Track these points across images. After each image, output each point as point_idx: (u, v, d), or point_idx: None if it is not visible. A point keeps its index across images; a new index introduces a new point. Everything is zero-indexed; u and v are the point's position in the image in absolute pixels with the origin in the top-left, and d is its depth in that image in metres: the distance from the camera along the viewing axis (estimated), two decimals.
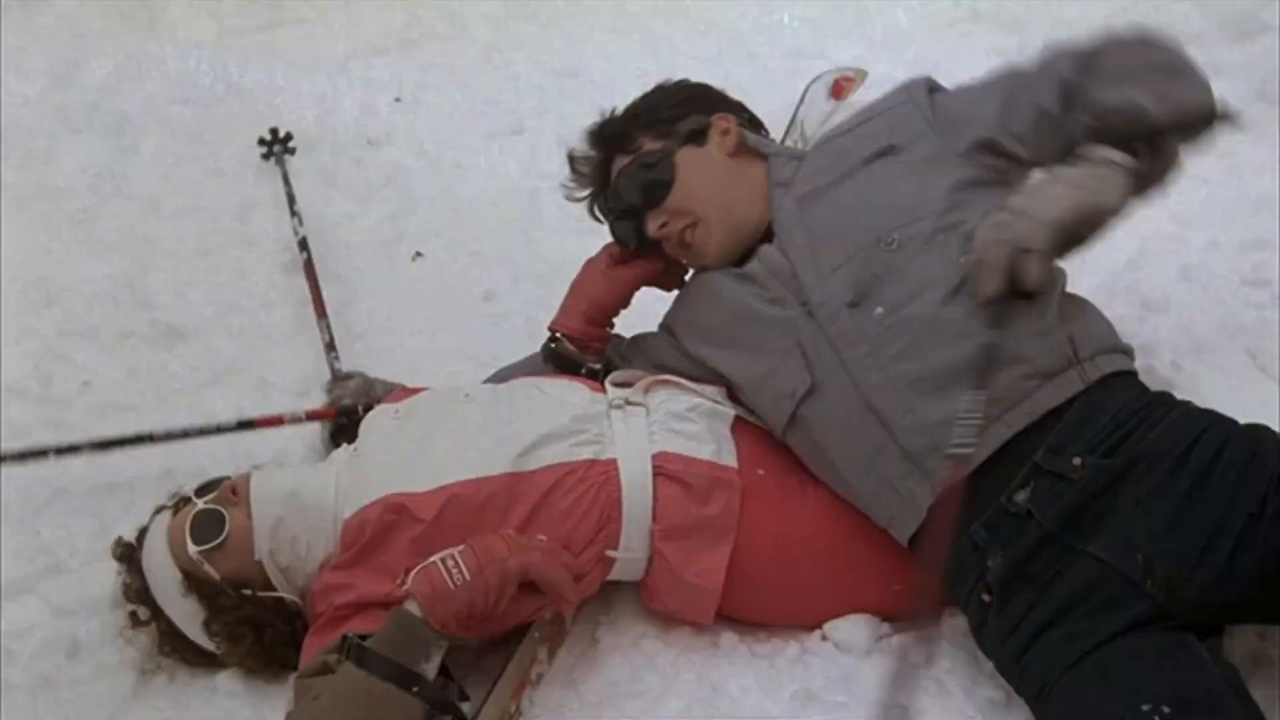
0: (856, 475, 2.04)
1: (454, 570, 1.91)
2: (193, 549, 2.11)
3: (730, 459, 2.15)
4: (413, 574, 1.93)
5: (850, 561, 2.10)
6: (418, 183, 3.95)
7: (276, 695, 2.13)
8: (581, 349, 2.43)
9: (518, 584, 1.94)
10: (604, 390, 2.28)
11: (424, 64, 4.70)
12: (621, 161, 2.33)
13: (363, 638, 1.89)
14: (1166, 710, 1.62)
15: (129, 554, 2.22)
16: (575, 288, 2.47)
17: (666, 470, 2.11)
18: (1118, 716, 1.66)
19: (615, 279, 2.43)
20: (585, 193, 2.43)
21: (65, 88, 4.60)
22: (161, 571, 2.15)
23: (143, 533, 2.23)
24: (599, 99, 4.27)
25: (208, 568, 2.11)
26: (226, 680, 2.17)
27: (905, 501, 1.97)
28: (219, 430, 2.72)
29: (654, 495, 2.09)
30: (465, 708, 1.93)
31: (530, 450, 2.10)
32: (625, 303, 2.48)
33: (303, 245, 3.41)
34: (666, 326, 2.44)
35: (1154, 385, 2.36)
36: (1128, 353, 2.05)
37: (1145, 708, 1.63)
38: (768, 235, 2.23)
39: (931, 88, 2.26)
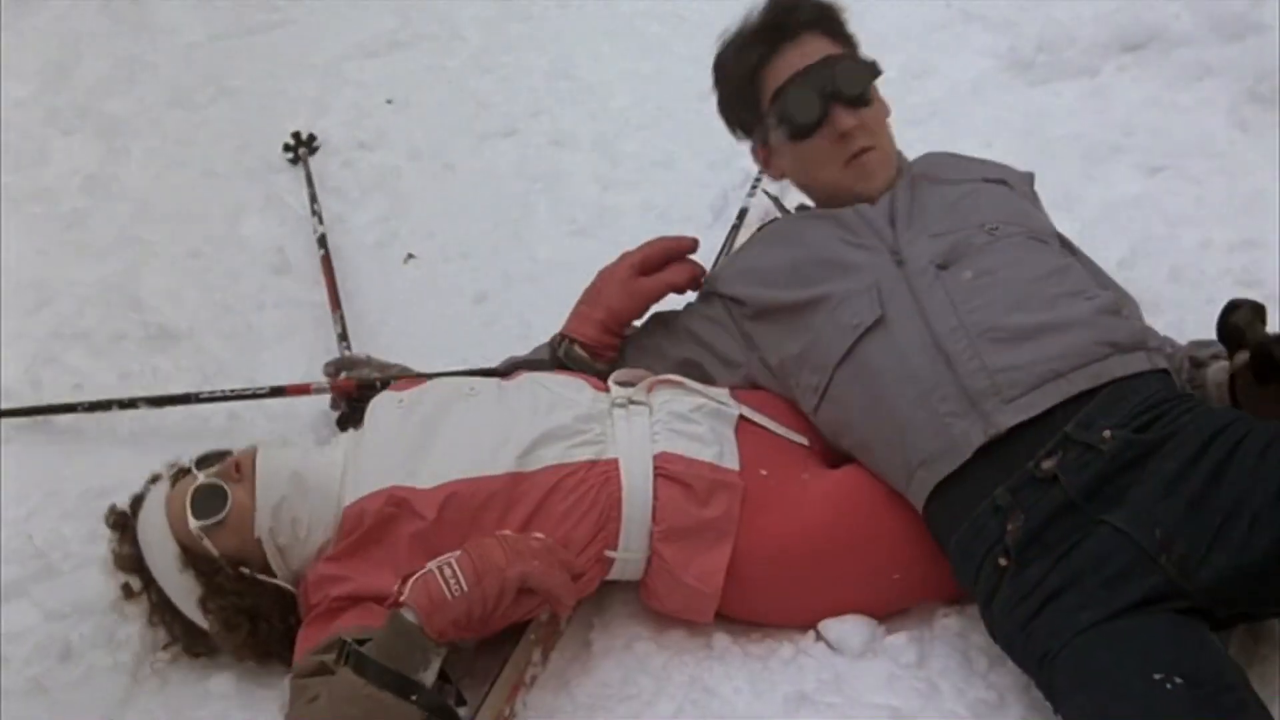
0: (907, 407, 2.03)
1: (452, 581, 1.88)
2: (194, 523, 2.09)
3: (732, 461, 2.15)
4: (410, 583, 1.89)
5: (849, 561, 2.09)
6: (409, 185, 3.95)
7: (270, 700, 2.12)
8: (594, 357, 2.42)
9: (515, 591, 1.93)
10: (607, 389, 2.27)
11: (415, 66, 4.69)
12: (824, 45, 2.37)
13: (360, 641, 1.88)
14: (1179, 680, 1.62)
15: (123, 522, 2.21)
16: (592, 296, 2.44)
17: (668, 471, 2.11)
18: (1127, 682, 1.66)
19: (636, 291, 2.42)
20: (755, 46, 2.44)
21: (57, 90, 4.59)
22: (158, 543, 2.13)
23: (138, 501, 2.22)
24: (591, 101, 4.30)
25: (206, 543, 2.10)
26: (219, 684, 2.17)
27: (953, 439, 1.97)
28: (253, 395, 2.80)
29: (654, 496, 2.09)
30: (462, 712, 1.93)
31: (531, 450, 2.10)
32: (643, 313, 2.48)
33: (321, 242, 3.47)
34: (709, 284, 2.45)
35: None
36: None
37: (1157, 676, 1.63)
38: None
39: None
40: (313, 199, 3.70)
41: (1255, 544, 1.72)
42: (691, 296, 2.49)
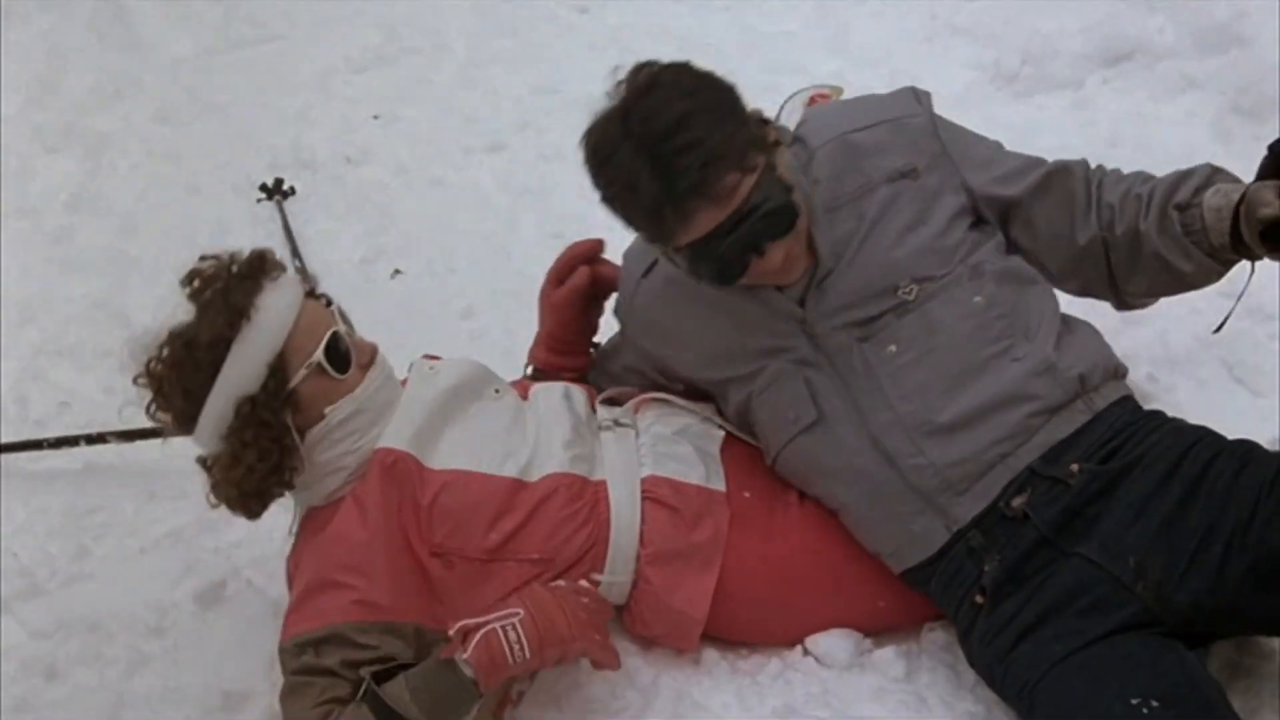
0: (861, 504, 2.03)
1: (515, 645, 1.87)
2: (318, 355, 2.04)
3: (719, 482, 2.15)
4: (473, 642, 1.87)
5: (835, 579, 2.10)
6: (396, 200, 3.95)
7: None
8: (554, 378, 2.36)
9: None
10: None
11: (402, 81, 4.69)
12: (735, 178, 1.88)
13: (382, 673, 1.89)
14: (1155, 704, 1.63)
15: (251, 270, 2.07)
16: (540, 320, 2.45)
17: (655, 495, 2.10)
18: (1105, 708, 1.67)
19: (553, 305, 2.39)
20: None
21: (43, 106, 4.59)
22: (269, 328, 2.01)
23: (261, 265, 2.08)
24: (578, 115, 4.28)
25: (301, 374, 2.03)
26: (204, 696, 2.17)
27: (914, 536, 1.98)
28: None
29: (642, 520, 2.08)
30: None
31: (533, 461, 2.10)
32: (579, 326, 2.42)
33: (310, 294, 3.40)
34: (641, 346, 2.32)
35: None
36: (1124, 375, 2.08)
37: (1134, 701, 1.64)
38: None
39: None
40: (294, 253, 3.62)
41: (1230, 571, 1.73)
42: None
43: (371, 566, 1.99)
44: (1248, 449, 1.85)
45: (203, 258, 2.10)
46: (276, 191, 3.97)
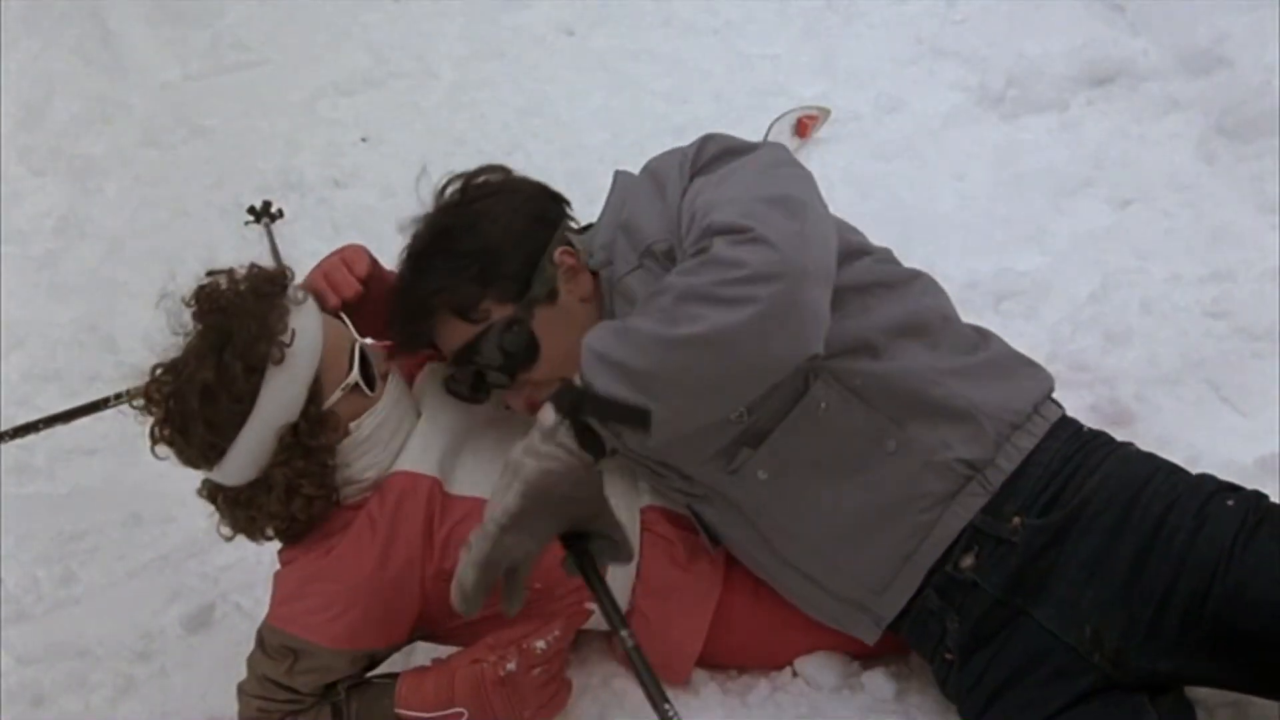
0: (796, 603, 2.02)
1: None
2: (355, 375, 1.98)
3: None
4: None
5: None
6: (384, 223, 3.94)
7: None
8: None
9: None
10: None
11: (389, 104, 4.71)
12: (458, 329, 1.97)
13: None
14: None
15: (274, 279, 1.98)
16: None
17: (653, 528, 2.10)
18: None
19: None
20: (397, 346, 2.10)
21: (30, 130, 4.60)
22: (306, 355, 1.93)
23: (277, 284, 1.98)
24: (564, 137, 4.31)
25: (336, 395, 1.96)
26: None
27: (850, 630, 1.98)
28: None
29: (640, 553, 2.07)
30: None
31: None
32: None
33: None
34: None
35: (1117, 417, 2.40)
36: (1041, 408, 1.90)
37: None
38: None
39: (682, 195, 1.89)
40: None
41: (1187, 640, 1.70)
42: None
43: (367, 600, 1.97)
44: (1204, 498, 1.77)
45: (210, 273, 2.02)
46: (264, 214, 3.97)
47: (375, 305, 2.07)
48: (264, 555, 2.50)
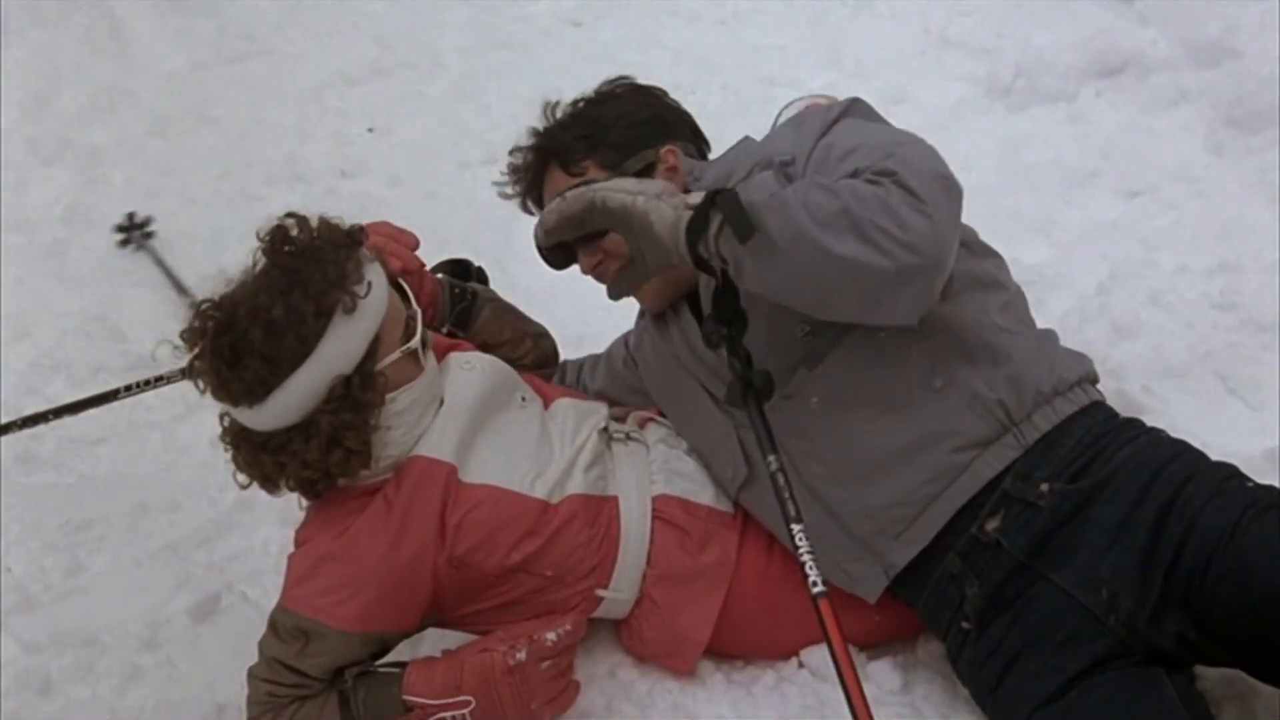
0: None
1: None
2: (416, 340, 2.00)
3: (727, 503, 2.14)
4: None
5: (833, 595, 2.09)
6: (391, 213, 3.86)
7: None
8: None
9: None
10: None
11: (396, 94, 4.71)
12: (559, 179, 2.23)
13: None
14: None
15: (353, 237, 1.99)
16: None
17: (665, 515, 2.10)
18: None
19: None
20: (517, 190, 2.35)
21: (37, 120, 4.60)
22: (375, 308, 1.94)
23: (357, 238, 1.99)
24: None
25: (393, 356, 1.97)
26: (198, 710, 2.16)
27: (854, 580, 1.98)
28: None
29: (650, 539, 2.08)
30: None
31: (560, 482, 2.08)
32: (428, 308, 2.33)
33: None
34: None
35: (1125, 410, 2.39)
36: (1083, 384, 1.97)
37: None
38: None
39: (825, 130, 2.00)
40: (179, 289, 3.49)
41: (1193, 609, 1.70)
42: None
43: (379, 584, 1.97)
44: (1223, 476, 1.80)
45: (287, 215, 1.99)
46: (133, 229, 3.85)
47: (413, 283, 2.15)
48: (270, 545, 2.51)
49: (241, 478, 2.00)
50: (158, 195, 4.13)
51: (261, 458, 1.95)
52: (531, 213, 2.31)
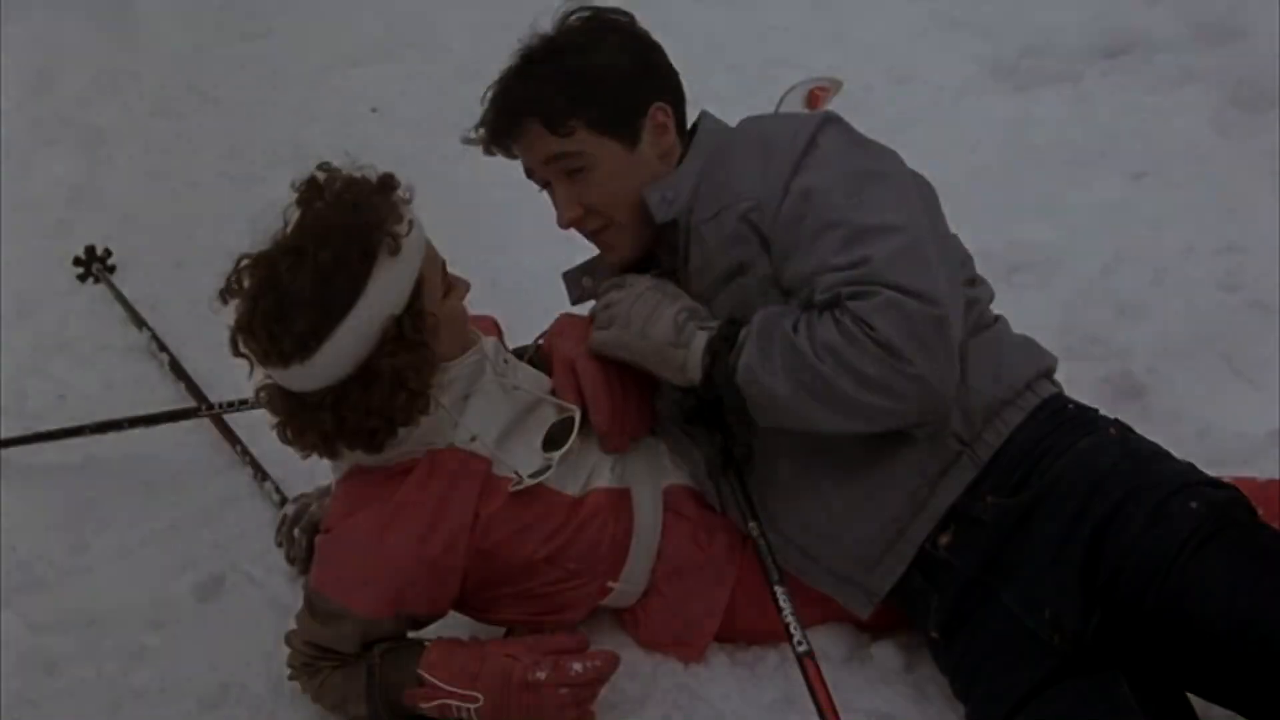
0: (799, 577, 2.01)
1: None
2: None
3: None
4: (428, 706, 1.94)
5: None
6: None
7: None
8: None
9: None
10: None
11: (400, 75, 4.70)
12: (544, 139, 2.09)
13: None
14: None
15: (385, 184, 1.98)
16: (557, 349, 2.18)
17: (675, 507, 2.10)
18: None
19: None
20: (483, 136, 2.24)
21: (40, 100, 4.59)
22: (418, 247, 1.94)
23: (393, 184, 2.00)
24: None
25: (435, 319, 1.93)
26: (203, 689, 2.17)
27: (844, 602, 1.99)
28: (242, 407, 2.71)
29: (662, 533, 2.08)
30: None
31: (587, 482, 2.07)
32: None
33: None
34: None
35: (1129, 390, 2.39)
36: (1032, 385, 1.91)
37: None
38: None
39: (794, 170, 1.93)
40: (138, 323, 3.34)
41: (1135, 635, 1.69)
42: None
43: (409, 573, 1.96)
44: (1168, 492, 1.74)
45: (320, 166, 1.97)
46: (92, 262, 3.65)
47: None
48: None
49: (300, 451, 1.96)
50: (161, 176, 4.13)
51: (320, 415, 1.88)
52: (492, 155, 2.27)
